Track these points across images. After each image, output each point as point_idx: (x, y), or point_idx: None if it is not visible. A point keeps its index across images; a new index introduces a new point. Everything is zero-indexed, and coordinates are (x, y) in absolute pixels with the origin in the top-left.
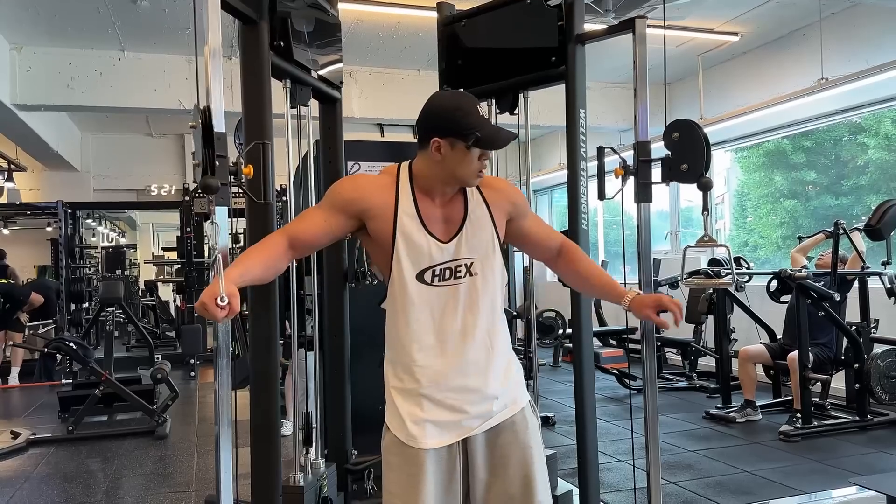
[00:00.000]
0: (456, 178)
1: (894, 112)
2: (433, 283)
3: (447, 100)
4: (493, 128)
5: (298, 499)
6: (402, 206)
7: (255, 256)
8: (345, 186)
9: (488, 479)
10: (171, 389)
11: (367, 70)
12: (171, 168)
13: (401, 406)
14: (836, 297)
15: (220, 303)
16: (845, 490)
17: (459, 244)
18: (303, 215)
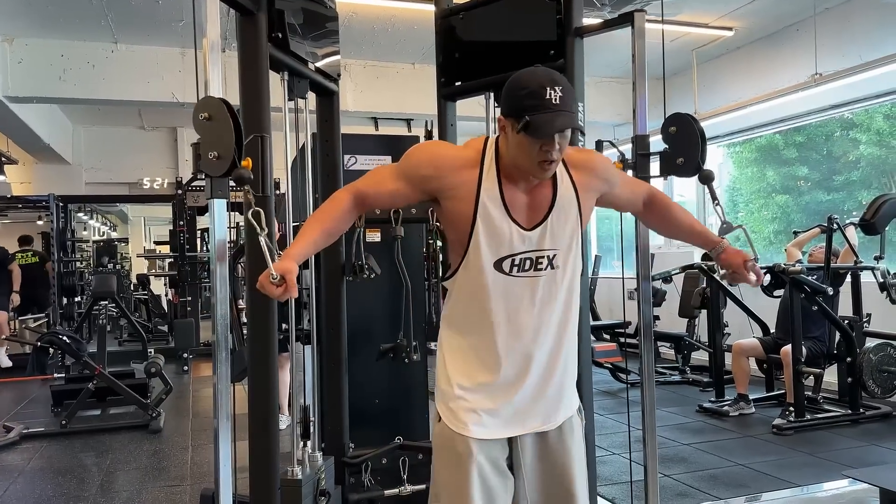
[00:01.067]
0: (517, 166)
1: (886, 107)
2: (511, 273)
3: (524, 75)
4: (549, 113)
5: (296, 492)
6: (486, 188)
7: (316, 226)
8: (422, 160)
9: (532, 479)
10: (164, 383)
11: (362, 63)
12: (163, 161)
13: (458, 393)
14: (829, 291)
15: (273, 279)
16: (838, 482)
17: (544, 234)
18: (374, 175)
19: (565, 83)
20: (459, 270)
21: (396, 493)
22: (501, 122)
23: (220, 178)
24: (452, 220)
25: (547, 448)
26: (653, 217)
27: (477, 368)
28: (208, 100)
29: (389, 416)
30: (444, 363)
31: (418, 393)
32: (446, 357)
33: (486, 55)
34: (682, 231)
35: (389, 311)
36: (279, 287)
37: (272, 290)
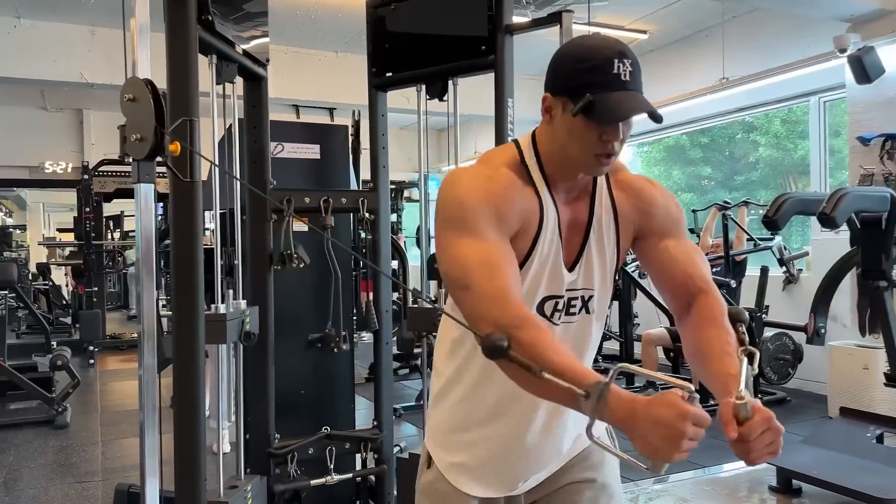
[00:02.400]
0: (566, 157)
1: (784, 112)
2: (553, 319)
3: (585, 43)
4: (620, 92)
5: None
6: (547, 213)
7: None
8: (496, 193)
9: None
10: (71, 377)
11: (283, 49)
12: (67, 145)
13: (454, 442)
14: (731, 284)
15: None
16: (739, 462)
17: (580, 269)
18: (493, 264)
19: (635, 56)
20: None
21: (323, 482)
22: (547, 102)
23: (144, 161)
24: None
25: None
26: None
27: (488, 415)
28: (133, 81)
29: (316, 406)
30: (444, 399)
31: (345, 383)
32: (448, 391)
33: (418, 47)
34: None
35: (317, 301)
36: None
37: (707, 419)
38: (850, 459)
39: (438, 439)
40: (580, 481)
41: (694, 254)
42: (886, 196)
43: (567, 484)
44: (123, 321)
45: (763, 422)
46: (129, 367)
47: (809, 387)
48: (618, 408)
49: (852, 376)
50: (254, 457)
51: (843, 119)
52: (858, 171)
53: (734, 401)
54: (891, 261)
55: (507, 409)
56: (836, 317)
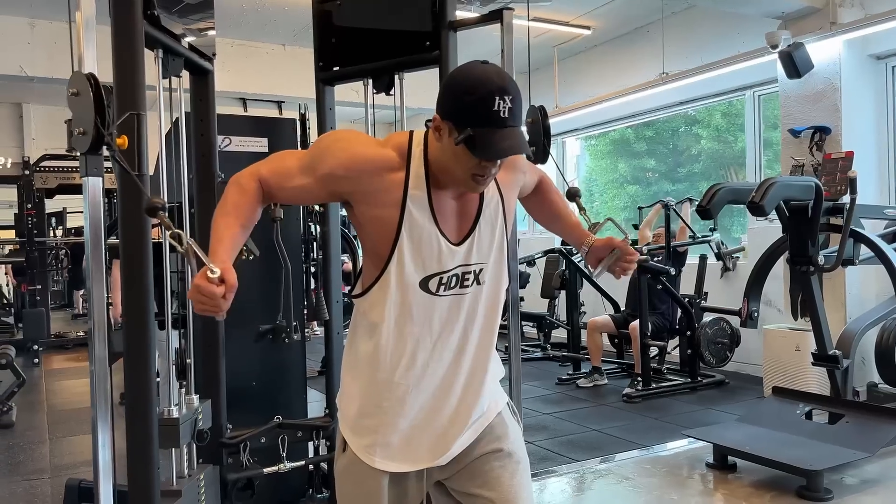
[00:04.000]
0: (448, 172)
1: (724, 106)
2: (438, 293)
3: (472, 75)
4: (497, 132)
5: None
6: (413, 196)
7: (233, 222)
8: (337, 159)
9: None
10: (16, 376)
11: (230, 42)
12: (6, 139)
13: (364, 425)
14: (672, 271)
15: (212, 275)
16: (679, 441)
17: (471, 247)
18: (279, 164)
19: (515, 90)
20: (376, 286)
21: (275, 470)
22: (437, 122)
23: (88, 154)
24: (371, 227)
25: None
26: (536, 202)
27: (390, 395)
28: (76, 75)
29: (268, 396)
30: (352, 387)
31: (297, 373)
32: (354, 378)
33: (364, 42)
34: (562, 220)
35: (267, 293)
36: (220, 285)
37: (212, 289)
38: (781, 435)
39: (350, 424)
40: (488, 452)
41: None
42: (811, 185)
43: (477, 457)
44: (68, 320)
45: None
46: (76, 366)
47: (747, 369)
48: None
49: (785, 358)
50: (206, 447)
51: (779, 112)
52: (790, 162)
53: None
54: (817, 247)
55: (413, 392)
56: (770, 301)
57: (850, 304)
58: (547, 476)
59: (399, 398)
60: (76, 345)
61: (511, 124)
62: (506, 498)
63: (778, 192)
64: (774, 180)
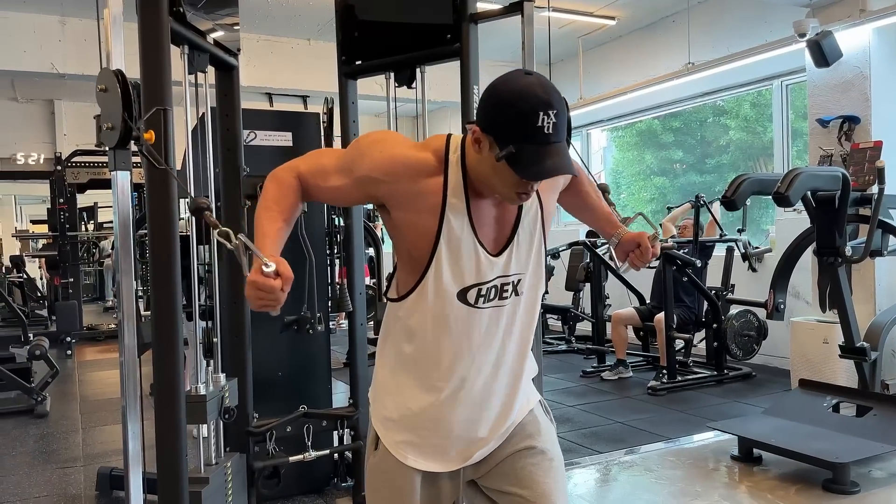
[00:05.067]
0: (488, 184)
1: (753, 96)
2: (477, 305)
3: (516, 87)
4: (542, 150)
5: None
6: (451, 204)
7: (278, 217)
8: (375, 162)
9: (501, 495)
10: (50, 367)
11: (255, 37)
12: (39, 136)
13: (398, 422)
14: (697, 263)
15: (267, 268)
16: (704, 434)
17: (510, 257)
18: (316, 162)
19: (561, 103)
20: (413, 294)
21: (301, 458)
22: (476, 134)
23: (116, 148)
24: (408, 232)
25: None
26: (571, 195)
27: (426, 404)
28: (104, 72)
29: (293, 386)
30: (388, 385)
31: (321, 364)
32: (390, 374)
33: (386, 36)
34: (594, 211)
35: (293, 285)
36: (276, 279)
37: (269, 283)
38: (807, 428)
39: (384, 421)
40: (521, 450)
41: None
42: (838, 175)
43: (508, 455)
44: (100, 313)
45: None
46: (107, 358)
47: (774, 362)
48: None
49: (812, 350)
50: (233, 436)
51: (807, 102)
52: (818, 153)
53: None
54: (844, 237)
55: (449, 402)
56: (798, 294)
57: (880, 295)
58: (571, 468)
59: (435, 407)
60: (108, 336)
61: (556, 140)
62: (540, 494)
63: (804, 182)
64: (800, 171)
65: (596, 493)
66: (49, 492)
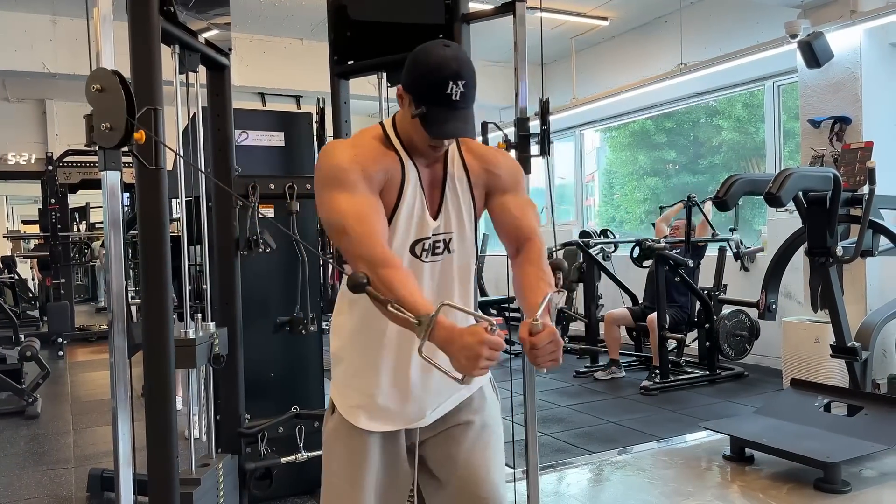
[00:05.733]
0: (410, 137)
1: (745, 96)
2: (422, 258)
3: (432, 56)
4: (448, 112)
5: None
6: (409, 171)
7: (413, 281)
8: (346, 159)
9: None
10: (41, 368)
11: (248, 37)
12: (30, 135)
13: (356, 384)
14: (689, 263)
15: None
16: (697, 434)
17: (442, 216)
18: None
19: (470, 73)
20: None
21: (293, 459)
22: (400, 92)
23: (113, 149)
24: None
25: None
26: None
27: (377, 358)
28: (100, 71)
29: (285, 387)
30: (341, 349)
31: (313, 364)
32: (343, 342)
33: (378, 35)
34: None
35: (285, 285)
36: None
37: (500, 341)
38: (799, 427)
39: (339, 387)
40: (463, 423)
41: (527, 207)
42: (830, 175)
43: (453, 426)
44: (92, 313)
45: (548, 335)
46: (99, 359)
47: (766, 362)
48: (440, 334)
49: (804, 350)
50: (224, 437)
51: (799, 102)
52: (810, 153)
53: (530, 321)
54: (835, 238)
55: (395, 350)
56: (790, 294)
57: (871, 295)
58: (564, 468)
59: (382, 355)
60: (100, 337)
61: (462, 107)
62: (477, 465)
63: (795, 182)
64: (791, 171)
65: (588, 493)
66: (40, 493)
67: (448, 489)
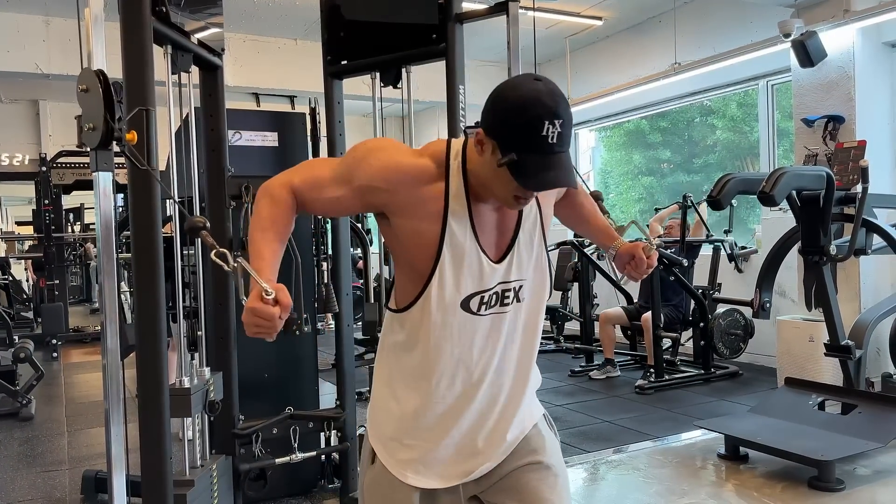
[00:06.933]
0: (488, 188)
1: (740, 96)
2: (479, 313)
3: (522, 92)
4: (544, 160)
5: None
6: (453, 210)
7: (273, 237)
8: (374, 169)
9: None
10: (35, 369)
11: (242, 37)
12: (23, 136)
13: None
14: (684, 263)
15: (268, 295)
16: (692, 433)
17: (510, 263)
18: (311, 173)
19: (567, 113)
20: (417, 304)
21: (287, 460)
22: (480, 137)
23: (98, 149)
24: (408, 240)
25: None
26: (567, 205)
27: (430, 416)
28: (86, 72)
29: (280, 387)
30: (385, 395)
31: (308, 365)
32: (387, 388)
33: (371, 36)
34: (591, 223)
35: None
36: (275, 305)
37: (270, 311)
38: (793, 426)
39: (382, 439)
40: (525, 465)
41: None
42: (823, 174)
43: (512, 470)
44: (86, 314)
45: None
46: (94, 360)
47: (760, 360)
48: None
49: (799, 348)
50: (219, 438)
51: (793, 102)
52: (804, 152)
53: (648, 244)
54: (829, 236)
55: (453, 412)
56: (784, 292)
57: (865, 294)
58: None
59: (439, 418)
60: (94, 339)
61: (559, 150)
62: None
63: (788, 181)
64: (785, 170)
65: (584, 493)
66: (34, 495)
67: None
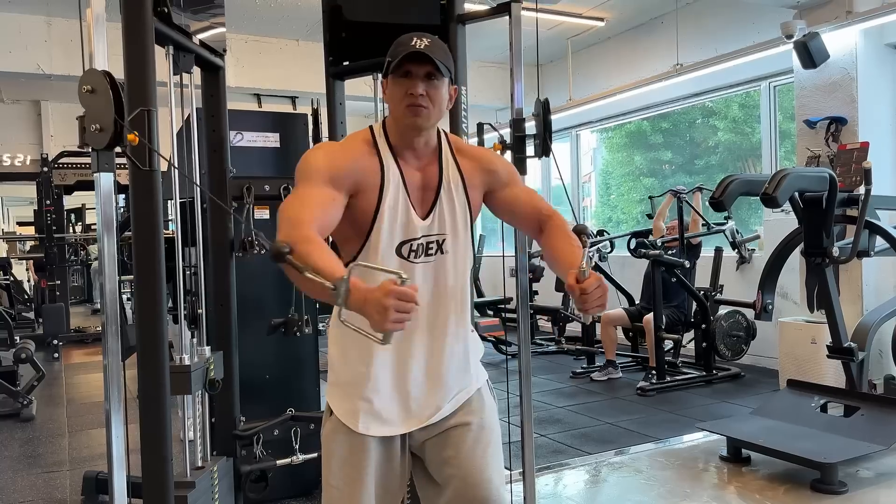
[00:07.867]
0: (395, 120)
1: (741, 97)
2: (411, 259)
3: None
4: (412, 53)
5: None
6: (389, 172)
7: (326, 247)
8: (332, 156)
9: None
10: (36, 370)
11: (244, 38)
12: (25, 137)
13: (351, 390)
14: (686, 264)
15: (403, 280)
16: (693, 435)
17: (433, 218)
18: (305, 202)
19: (437, 40)
20: (361, 254)
21: (288, 462)
22: (384, 85)
23: (104, 151)
24: (357, 211)
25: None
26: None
27: (371, 361)
28: (91, 72)
29: (280, 389)
30: (337, 355)
31: (309, 366)
32: (338, 348)
33: (374, 36)
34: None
35: (280, 287)
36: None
37: (410, 293)
38: (795, 428)
39: (335, 392)
40: (462, 424)
41: (532, 193)
42: (825, 176)
43: (451, 427)
44: (88, 315)
45: (595, 279)
46: (95, 360)
47: (763, 362)
48: (355, 298)
49: (801, 350)
50: (220, 439)
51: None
52: (806, 154)
53: (576, 270)
54: (831, 238)
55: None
56: (786, 294)
57: (867, 295)
58: (561, 469)
59: (383, 367)
60: (95, 339)
61: (427, 53)
62: (475, 466)
63: (791, 183)
64: (787, 171)
65: (585, 495)
66: (35, 496)
67: (446, 491)
